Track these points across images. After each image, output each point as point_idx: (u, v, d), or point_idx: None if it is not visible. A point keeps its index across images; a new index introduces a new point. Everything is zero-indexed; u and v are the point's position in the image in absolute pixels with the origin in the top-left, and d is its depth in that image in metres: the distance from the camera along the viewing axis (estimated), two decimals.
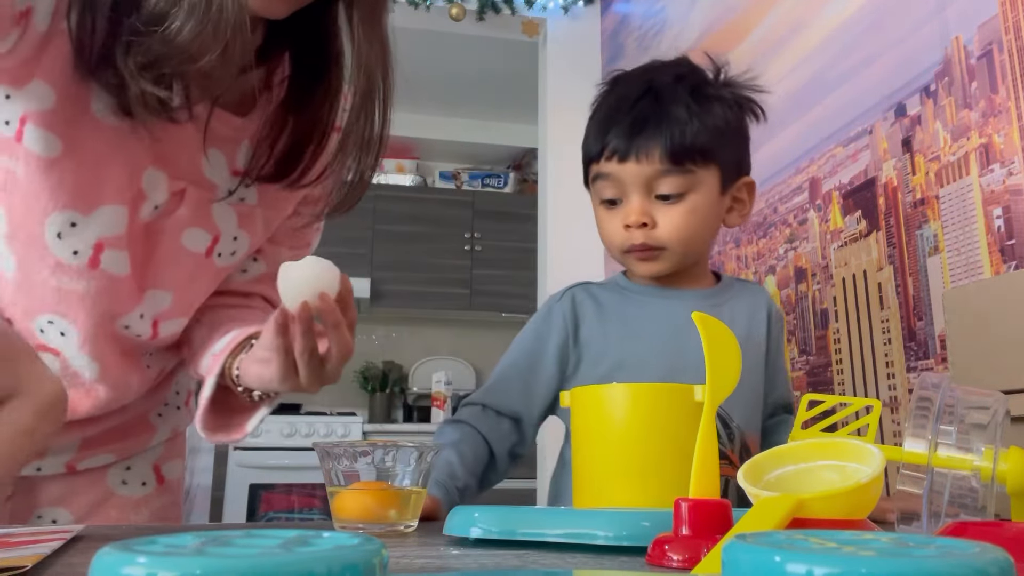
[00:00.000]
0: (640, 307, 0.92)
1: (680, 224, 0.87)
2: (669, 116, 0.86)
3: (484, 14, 2.66)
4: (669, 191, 0.86)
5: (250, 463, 3.11)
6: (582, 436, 0.67)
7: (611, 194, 0.89)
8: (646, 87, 0.89)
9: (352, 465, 0.62)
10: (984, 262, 1.03)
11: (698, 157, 0.86)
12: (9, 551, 0.44)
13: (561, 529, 0.52)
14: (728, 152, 0.89)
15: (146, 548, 0.25)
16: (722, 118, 0.88)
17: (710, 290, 0.95)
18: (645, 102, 0.87)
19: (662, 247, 0.88)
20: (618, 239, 0.89)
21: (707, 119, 0.87)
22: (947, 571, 0.22)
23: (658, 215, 0.87)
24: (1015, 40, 1.01)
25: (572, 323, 0.92)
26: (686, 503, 0.45)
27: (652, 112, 0.86)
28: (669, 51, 2.12)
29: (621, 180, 0.87)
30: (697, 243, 0.90)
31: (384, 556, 0.27)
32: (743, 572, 0.24)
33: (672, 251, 0.88)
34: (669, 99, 0.87)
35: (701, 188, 0.87)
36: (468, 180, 4.26)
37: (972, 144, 1.07)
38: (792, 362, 1.46)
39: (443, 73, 3.66)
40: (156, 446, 0.88)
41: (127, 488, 0.85)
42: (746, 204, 0.94)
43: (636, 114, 0.87)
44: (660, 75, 0.91)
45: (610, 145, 0.87)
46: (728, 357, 0.50)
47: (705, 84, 0.91)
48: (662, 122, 0.85)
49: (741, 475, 0.46)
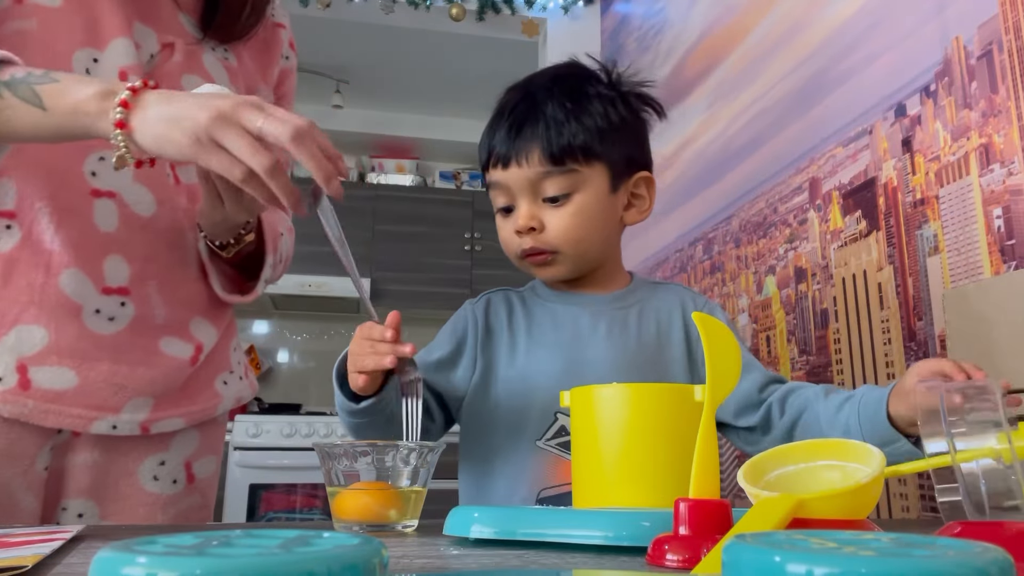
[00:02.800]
0: (545, 312, 0.93)
1: (567, 225, 0.86)
2: (546, 117, 0.86)
3: (484, 14, 2.67)
4: (555, 192, 0.86)
5: (250, 463, 3.11)
6: (582, 436, 0.67)
7: (503, 201, 0.89)
8: (525, 92, 0.90)
9: (352, 465, 0.62)
10: (984, 262, 1.03)
11: (579, 155, 0.86)
12: (9, 551, 0.44)
13: (561, 529, 0.52)
14: (614, 149, 0.88)
15: (146, 548, 0.25)
16: (603, 115, 0.88)
17: (616, 293, 0.94)
18: (522, 106, 0.88)
19: (554, 250, 0.88)
20: (512, 245, 0.90)
21: (586, 118, 0.87)
22: (947, 571, 0.22)
23: (546, 218, 0.87)
24: (1015, 40, 1.01)
25: (484, 328, 0.92)
26: (685, 503, 0.45)
27: (529, 115, 0.87)
28: (669, 51, 2.12)
29: (508, 186, 0.88)
30: (590, 243, 0.89)
31: (384, 556, 0.27)
32: (743, 572, 0.24)
33: (564, 253, 0.88)
34: (544, 100, 0.87)
35: (587, 187, 0.87)
36: (468, 180, 4.26)
37: (972, 144, 1.07)
38: (792, 362, 1.46)
39: (443, 73, 3.66)
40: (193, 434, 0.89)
41: (158, 484, 0.84)
42: (646, 199, 0.93)
43: (514, 119, 0.88)
44: (538, 79, 0.92)
45: (494, 152, 0.88)
46: (728, 357, 0.50)
47: (584, 83, 0.90)
48: (539, 123, 0.86)
49: (741, 475, 0.46)
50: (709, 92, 1.86)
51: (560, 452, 0.86)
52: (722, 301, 1.74)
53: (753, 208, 1.63)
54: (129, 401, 0.79)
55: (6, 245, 0.76)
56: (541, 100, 0.88)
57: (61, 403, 0.74)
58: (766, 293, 1.56)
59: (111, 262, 0.79)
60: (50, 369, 0.74)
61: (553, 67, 0.96)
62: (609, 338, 0.90)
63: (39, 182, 0.77)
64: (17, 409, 0.72)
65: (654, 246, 2.11)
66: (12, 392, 0.72)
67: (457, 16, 2.60)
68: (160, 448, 0.84)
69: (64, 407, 0.75)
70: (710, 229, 1.81)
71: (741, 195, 1.68)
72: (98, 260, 0.79)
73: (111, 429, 0.78)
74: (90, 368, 0.76)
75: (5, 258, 0.75)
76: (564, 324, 0.91)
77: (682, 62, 2.04)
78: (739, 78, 1.73)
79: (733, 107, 1.74)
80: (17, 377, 0.72)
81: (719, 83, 1.82)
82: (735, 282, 1.69)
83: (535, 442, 0.86)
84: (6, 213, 0.76)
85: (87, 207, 0.79)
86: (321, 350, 4.06)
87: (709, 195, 1.81)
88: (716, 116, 1.83)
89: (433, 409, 0.90)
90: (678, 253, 1.97)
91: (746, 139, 1.68)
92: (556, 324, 0.92)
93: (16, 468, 0.73)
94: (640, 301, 0.94)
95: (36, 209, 0.76)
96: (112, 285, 0.79)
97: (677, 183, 2.00)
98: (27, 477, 0.74)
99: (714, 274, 1.79)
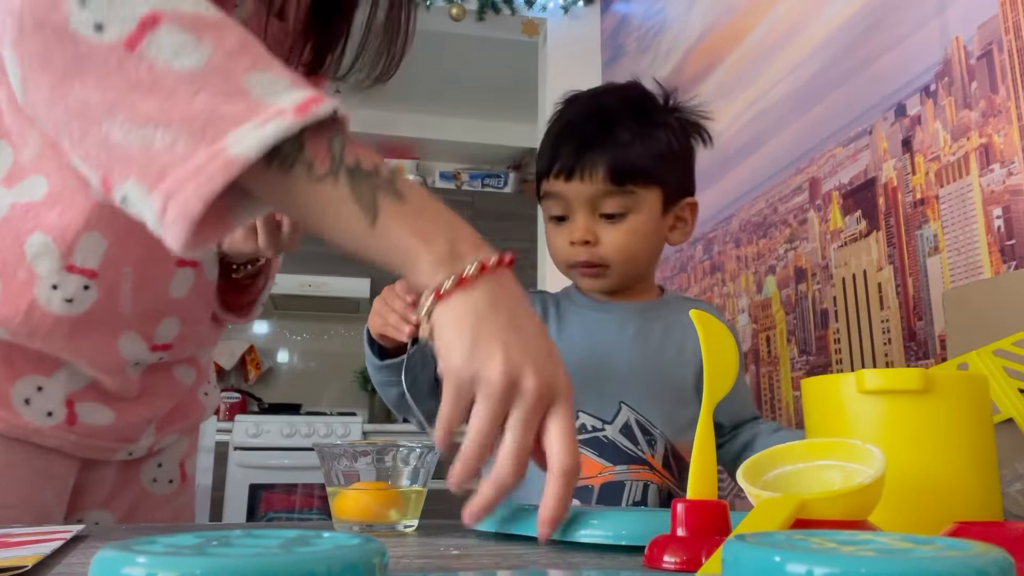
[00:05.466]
0: (576, 318, 0.96)
1: (622, 242, 0.91)
2: (614, 138, 0.90)
3: (484, 14, 2.66)
4: (612, 210, 0.90)
5: (250, 463, 3.11)
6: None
7: (559, 211, 0.93)
8: (595, 109, 0.94)
9: (352, 465, 0.62)
10: (984, 262, 1.03)
11: (640, 179, 0.90)
12: (9, 551, 0.44)
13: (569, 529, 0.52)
14: (670, 175, 0.93)
15: (146, 548, 0.25)
16: (665, 143, 0.92)
17: (647, 303, 0.98)
18: (593, 124, 0.91)
19: (605, 264, 0.92)
20: (564, 255, 0.94)
21: (650, 143, 0.91)
22: (947, 571, 0.22)
23: (602, 233, 0.91)
24: (1015, 40, 1.01)
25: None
26: (683, 504, 0.44)
27: (598, 134, 0.90)
28: (669, 51, 2.12)
29: (567, 198, 0.91)
30: (639, 260, 0.94)
31: (384, 556, 0.27)
32: (743, 572, 0.24)
33: (615, 268, 0.92)
34: (615, 122, 0.91)
35: (643, 208, 0.91)
36: (468, 180, 4.26)
37: (972, 144, 1.07)
38: (792, 362, 1.46)
39: (443, 73, 3.66)
40: (184, 439, 0.90)
41: (157, 486, 0.86)
42: (688, 223, 0.98)
43: (583, 135, 0.91)
44: (609, 98, 0.96)
45: (558, 163, 0.91)
46: (725, 356, 0.50)
47: (652, 110, 0.95)
48: (607, 144, 0.89)
49: (740, 474, 0.45)
50: (709, 92, 1.86)
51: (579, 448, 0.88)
52: (722, 301, 1.74)
53: (753, 208, 1.63)
54: (145, 428, 0.81)
55: (79, 307, 0.68)
56: (612, 120, 0.91)
57: (97, 438, 0.75)
58: (766, 293, 1.56)
59: (166, 324, 0.77)
60: (90, 405, 0.74)
61: (621, 87, 0.99)
62: (633, 345, 0.93)
63: (131, 246, 0.69)
64: (59, 442, 0.73)
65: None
66: (60, 427, 0.72)
67: (457, 16, 2.60)
68: (157, 452, 0.86)
69: (98, 441, 0.76)
70: (710, 229, 1.81)
71: (741, 195, 1.68)
72: (156, 322, 0.76)
73: (128, 455, 0.81)
74: (126, 408, 0.77)
75: (74, 320, 0.69)
76: (591, 328, 0.94)
77: (682, 62, 2.04)
78: (739, 78, 1.73)
79: (733, 107, 1.74)
80: (65, 412, 0.72)
81: (719, 83, 1.82)
82: (735, 282, 1.69)
83: None
84: (88, 272, 0.68)
85: (168, 275, 0.75)
86: (321, 350, 4.06)
87: (709, 195, 1.81)
88: (716, 116, 1.83)
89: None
90: (678, 253, 1.97)
91: (746, 139, 1.68)
92: (585, 328, 0.95)
93: (52, 488, 0.75)
94: (668, 315, 0.96)
95: (122, 274, 0.70)
96: (160, 343, 0.77)
97: None
98: (60, 495, 0.76)
99: (714, 274, 1.79)
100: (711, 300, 1.78)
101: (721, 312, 1.03)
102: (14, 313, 0.66)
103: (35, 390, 0.70)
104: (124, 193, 0.48)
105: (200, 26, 0.49)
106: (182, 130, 0.46)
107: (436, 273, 0.50)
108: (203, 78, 0.47)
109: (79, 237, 0.66)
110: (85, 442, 0.74)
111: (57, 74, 0.49)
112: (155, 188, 0.47)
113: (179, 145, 0.46)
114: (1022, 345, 0.70)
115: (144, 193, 0.47)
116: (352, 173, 0.50)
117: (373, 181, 0.51)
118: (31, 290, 0.66)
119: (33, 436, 0.70)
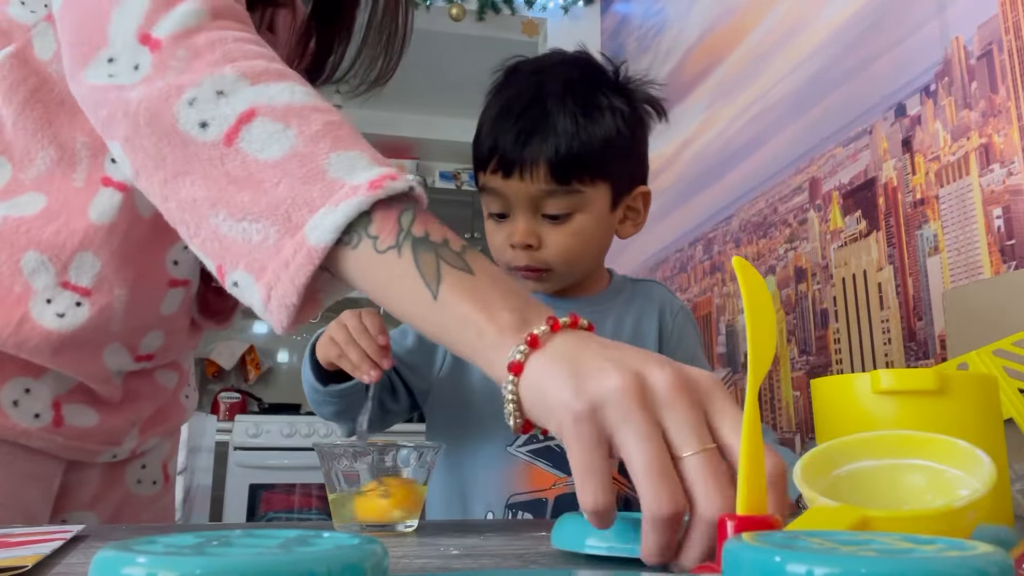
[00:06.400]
0: None
1: (567, 245, 0.84)
2: (556, 130, 0.82)
3: (484, 14, 2.66)
4: (556, 211, 0.83)
5: (250, 463, 3.11)
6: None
7: (498, 208, 0.86)
8: (536, 91, 0.85)
9: (352, 465, 0.62)
10: (984, 262, 1.03)
11: (585, 175, 0.83)
12: (9, 551, 0.44)
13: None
14: (619, 167, 0.86)
15: (146, 548, 0.25)
16: (614, 129, 0.84)
17: (595, 296, 0.93)
18: (533, 110, 0.83)
19: (547, 268, 0.86)
20: (504, 256, 0.87)
21: (596, 130, 0.83)
22: (947, 571, 0.22)
23: (544, 235, 0.84)
24: (1015, 40, 1.01)
25: None
26: (732, 521, 0.35)
27: (539, 124, 0.82)
28: (669, 51, 2.12)
29: (507, 196, 0.84)
30: (585, 262, 0.88)
31: (384, 556, 0.27)
32: (743, 572, 0.24)
33: (558, 271, 0.86)
34: (556, 109, 0.83)
35: (589, 207, 0.84)
36: (468, 180, 4.26)
37: (972, 144, 1.07)
38: (792, 362, 1.46)
39: (443, 73, 3.66)
40: (166, 441, 0.90)
41: (142, 487, 0.87)
42: (640, 213, 0.92)
43: (522, 124, 0.83)
44: (549, 79, 0.86)
45: (496, 156, 0.84)
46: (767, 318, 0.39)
47: (596, 91, 0.86)
48: (548, 134, 0.82)
49: (798, 470, 0.37)
50: (709, 92, 1.86)
51: (531, 459, 0.85)
52: (722, 301, 1.74)
53: (753, 208, 1.63)
54: (129, 431, 0.81)
55: (70, 323, 0.69)
56: (552, 108, 0.83)
57: (82, 440, 0.76)
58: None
59: (151, 336, 0.78)
60: (76, 407, 0.75)
61: (564, 65, 0.89)
62: None
63: (124, 267, 0.70)
64: (45, 444, 0.73)
65: (654, 246, 2.11)
66: (47, 429, 0.73)
67: (457, 16, 2.60)
68: (141, 454, 0.87)
69: (83, 443, 0.76)
70: (710, 229, 1.81)
71: (741, 195, 1.68)
72: (142, 335, 0.77)
73: (112, 458, 0.81)
74: (110, 411, 0.78)
75: (63, 337, 0.69)
76: None
77: (682, 62, 2.04)
78: (739, 78, 1.73)
79: (733, 107, 1.74)
80: (52, 414, 0.73)
81: (719, 83, 1.82)
82: (735, 282, 1.69)
83: (506, 448, 0.85)
84: (81, 290, 0.69)
85: (159, 296, 0.75)
86: None
87: (709, 195, 1.81)
88: (716, 116, 1.83)
89: (399, 391, 0.90)
90: (678, 253, 1.97)
91: (746, 139, 1.68)
92: None
93: (38, 488, 0.75)
94: (617, 304, 0.93)
95: (114, 295, 0.71)
96: (144, 353, 0.78)
97: (677, 183, 2.00)
98: (46, 495, 0.77)
99: (714, 274, 1.79)
100: (711, 300, 1.78)
101: (676, 297, 0.99)
102: (5, 324, 0.67)
103: (23, 392, 0.71)
104: (235, 279, 0.51)
105: (289, 114, 0.50)
106: (271, 222, 0.48)
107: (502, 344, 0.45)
108: (285, 165, 0.49)
109: (73, 255, 0.68)
110: (71, 444, 0.75)
111: (169, 172, 0.52)
112: (259, 280, 0.49)
113: (270, 238, 0.48)
114: (1022, 345, 0.70)
115: (251, 283, 0.50)
116: (417, 244, 0.49)
117: (439, 252, 0.49)
118: (26, 303, 0.67)
119: (20, 437, 0.71)
